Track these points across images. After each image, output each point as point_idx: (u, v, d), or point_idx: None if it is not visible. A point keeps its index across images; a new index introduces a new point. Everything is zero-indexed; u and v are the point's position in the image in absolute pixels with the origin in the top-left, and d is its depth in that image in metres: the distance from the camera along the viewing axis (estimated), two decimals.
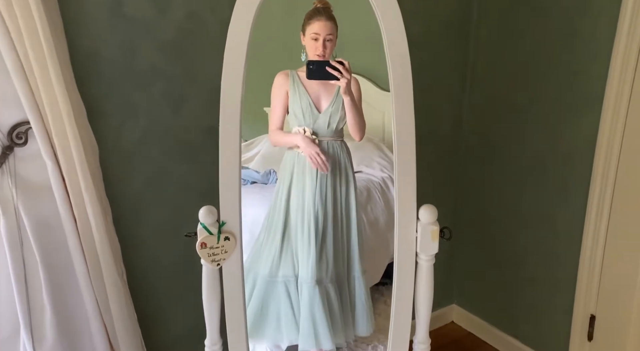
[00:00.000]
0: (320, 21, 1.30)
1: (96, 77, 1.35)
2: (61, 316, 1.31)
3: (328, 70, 1.26)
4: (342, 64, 1.26)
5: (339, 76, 1.26)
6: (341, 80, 1.27)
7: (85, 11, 1.29)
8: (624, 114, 1.61)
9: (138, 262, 1.53)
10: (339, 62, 1.26)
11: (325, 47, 1.30)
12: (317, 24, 1.30)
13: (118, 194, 1.44)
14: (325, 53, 1.31)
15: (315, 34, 1.30)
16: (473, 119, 2.14)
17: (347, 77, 1.27)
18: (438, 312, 2.38)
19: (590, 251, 1.77)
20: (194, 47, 1.47)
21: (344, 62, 1.26)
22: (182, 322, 1.66)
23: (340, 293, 1.49)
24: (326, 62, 1.26)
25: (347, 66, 1.26)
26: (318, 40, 1.30)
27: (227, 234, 1.23)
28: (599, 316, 1.81)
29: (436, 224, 1.28)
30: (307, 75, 1.27)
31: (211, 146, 1.54)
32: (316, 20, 1.31)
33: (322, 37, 1.30)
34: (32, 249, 1.24)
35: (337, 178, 1.41)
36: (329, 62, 1.26)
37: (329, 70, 1.26)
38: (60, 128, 1.20)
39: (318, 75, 1.28)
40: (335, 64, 1.25)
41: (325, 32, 1.30)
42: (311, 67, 1.27)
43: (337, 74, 1.26)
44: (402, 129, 1.25)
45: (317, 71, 1.27)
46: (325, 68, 1.26)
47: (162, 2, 1.39)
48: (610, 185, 1.68)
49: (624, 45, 1.56)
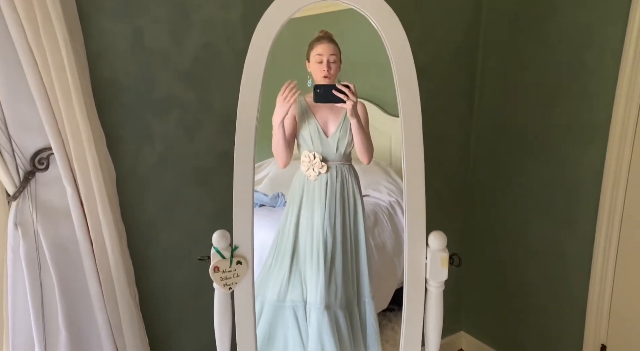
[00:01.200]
0: (323, 43, 1.36)
1: (116, 105, 1.40)
2: (75, 337, 1.32)
3: (334, 93, 1.30)
4: (347, 87, 1.30)
5: (345, 98, 1.30)
6: (347, 102, 1.31)
7: (107, 44, 1.35)
8: (630, 144, 1.64)
9: (150, 285, 1.55)
10: (345, 85, 1.30)
11: (329, 68, 1.35)
12: (320, 46, 1.36)
13: (133, 217, 1.48)
14: (330, 73, 1.35)
15: (319, 55, 1.35)
16: (480, 147, 2.17)
17: (353, 100, 1.31)
18: (446, 339, 2.36)
19: (600, 280, 1.77)
20: (209, 76, 1.52)
21: (350, 85, 1.30)
22: (193, 345, 1.67)
23: (351, 318, 1.49)
24: (332, 85, 1.31)
25: (352, 89, 1.31)
26: (322, 62, 1.35)
27: (240, 259, 1.25)
28: (609, 347, 1.79)
29: (446, 251, 1.29)
30: (315, 98, 1.32)
31: (224, 171, 1.58)
32: (319, 43, 1.36)
33: (325, 58, 1.35)
34: (50, 272, 1.27)
35: (345, 202, 1.44)
36: (335, 86, 1.30)
37: (335, 93, 1.30)
38: (81, 154, 1.24)
39: (325, 98, 1.32)
40: (342, 87, 1.30)
41: (329, 53, 1.35)
42: (318, 90, 1.31)
43: (343, 96, 1.30)
44: (411, 156, 1.28)
45: (323, 94, 1.31)
46: (332, 91, 1.30)
47: (179, 34, 1.45)
48: (618, 214, 1.69)
49: (629, 77, 1.59)
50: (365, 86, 1.40)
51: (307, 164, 1.40)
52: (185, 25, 1.45)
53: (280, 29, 1.19)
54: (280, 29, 1.19)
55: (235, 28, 1.52)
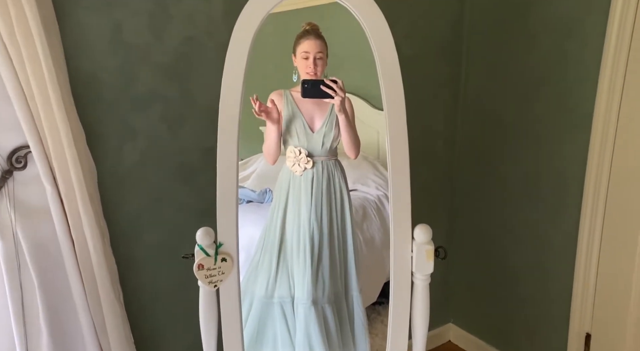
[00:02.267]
0: (310, 40, 1.35)
1: (95, 101, 1.37)
2: (58, 339, 1.30)
3: (322, 89, 1.29)
4: (335, 83, 1.29)
5: (333, 94, 1.29)
6: (335, 98, 1.30)
7: (85, 38, 1.32)
8: (612, 133, 1.65)
9: (135, 284, 1.53)
10: (333, 80, 1.29)
11: (316, 65, 1.34)
12: (306, 42, 1.35)
13: (116, 216, 1.45)
14: (317, 71, 1.34)
15: (306, 52, 1.34)
16: (466, 139, 2.18)
17: (341, 95, 1.30)
18: (435, 331, 2.37)
19: (584, 269, 1.79)
20: (191, 70, 1.50)
21: (338, 80, 1.29)
22: (179, 343, 1.65)
23: (339, 312, 1.49)
24: (320, 81, 1.30)
25: (340, 85, 1.30)
26: (308, 59, 1.34)
27: (225, 256, 1.24)
28: (594, 335, 1.81)
29: (431, 243, 1.29)
30: (302, 94, 1.31)
31: (208, 167, 1.56)
32: (306, 39, 1.35)
33: (312, 55, 1.34)
34: (30, 272, 1.24)
35: (332, 196, 1.43)
36: (323, 81, 1.29)
37: (323, 89, 1.29)
38: (60, 152, 1.21)
39: (313, 93, 1.31)
40: (330, 83, 1.29)
41: (315, 50, 1.34)
42: (306, 86, 1.30)
43: (331, 92, 1.29)
44: (395, 149, 1.27)
45: (311, 89, 1.30)
46: (320, 87, 1.29)
47: (159, 27, 1.42)
48: (602, 203, 1.71)
49: (611, 66, 1.60)
50: (351, 80, 1.39)
51: (292, 159, 1.40)
52: (165, 18, 1.42)
53: (260, 23, 1.18)
54: (260, 23, 1.17)
55: (217, 22, 1.50)
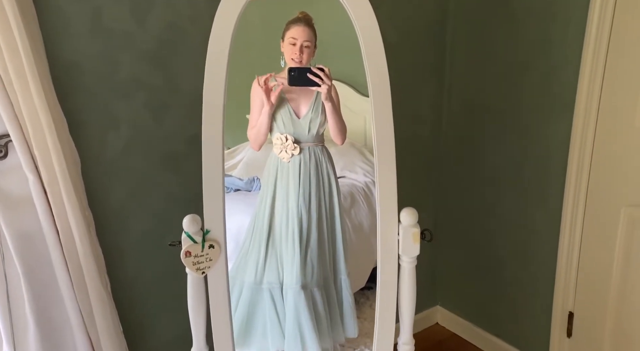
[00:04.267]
0: (300, 27, 1.34)
1: (77, 89, 1.35)
2: (45, 329, 1.30)
3: (309, 76, 1.28)
4: (322, 71, 1.28)
5: (319, 82, 1.29)
6: (322, 86, 1.29)
7: (64, 24, 1.29)
8: (594, 117, 1.67)
9: (123, 273, 1.53)
10: (320, 68, 1.28)
11: (302, 53, 1.33)
12: (295, 29, 1.34)
13: (101, 205, 1.44)
14: (302, 58, 1.33)
15: (293, 38, 1.33)
16: (452, 124, 2.19)
17: (328, 84, 1.30)
18: (423, 314, 2.41)
19: (567, 251, 1.83)
20: (175, 57, 1.48)
21: (325, 68, 1.29)
22: (168, 331, 1.66)
23: (328, 297, 1.50)
24: (307, 68, 1.29)
25: (327, 73, 1.29)
26: (295, 45, 1.33)
27: (212, 242, 1.24)
28: (577, 313, 1.86)
29: (417, 226, 1.30)
30: (289, 81, 1.30)
31: (195, 155, 1.54)
32: (295, 25, 1.34)
33: (299, 42, 1.33)
34: (14, 263, 1.23)
35: (320, 182, 1.44)
36: (310, 69, 1.28)
37: (310, 77, 1.28)
38: (41, 140, 1.20)
39: (299, 81, 1.30)
40: (316, 71, 1.28)
41: (303, 38, 1.33)
42: (292, 73, 1.29)
43: (318, 80, 1.29)
44: (381, 134, 1.28)
45: (298, 77, 1.29)
46: (307, 75, 1.28)
47: (141, 13, 1.40)
48: (584, 186, 1.74)
49: (592, 50, 1.62)
50: (338, 67, 1.39)
51: (279, 146, 1.39)
52: (146, 3, 1.40)
53: (242, 9, 1.16)
54: (242, 8, 1.16)
55: (199, 7, 1.48)
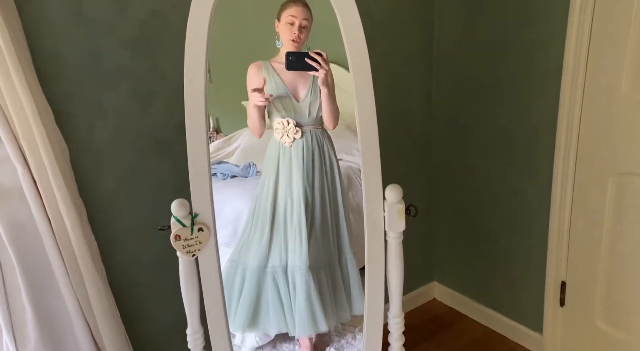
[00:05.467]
0: (298, 6, 1.34)
1: (61, 79, 1.35)
2: (43, 316, 1.33)
3: (307, 61, 1.28)
4: (320, 55, 1.28)
5: (317, 66, 1.29)
6: (320, 71, 1.30)
7: (44, 14, 1.29)
8: (581, 88, 1.67)
9: (118, 260, 1.55)
10: (318, 53, 1.28)
11: (300, 32, 1.33)
12: (294, 8, 1.34)
13: (92, 193, 1.46)
14: (300, 38, 1.33)
15: (292, 16, 1.33)
16: (441, 99, 2.19)
17: (326, 68, 1.30)
18: (420, 290, 2.44)
19: (558, 221, 1.84)
20: (158, 44, 1.48)
21: (322, 53, 1.29)
22: (165, 315, 1.69)
23: (333, 276, 1.52)
24: (305, 53, 1.29)
25: (325, 57, 1.29)
26: (294, 24, 1.33)
27: (201, 226, 1.26)
28: (569, 283, 1.89)
29: (402, 202, 1.32)
30: (287, 66, 1.30)
31: (183, 142, 1.55)
32: (293, 4, 1.34)
33: (298, 21, 1.33)
34: (8, 252, 1.25)
35: (323, 164, 1.44)
36: (308, 54, 1.29)
37: (308, 61, 1.28)
38: (27, 131, 1.21)
39: (297, 66, 1.30)
40: (314, 55, 1.28)
41: (302, 17, 1.33)
42: (290, 58, 1.29)
43: (316, 65, 1.29)
44: (363, 112, 1.28)
45: (296, 62, 1.30)
46: (305, 59, 1.29)
47: (122, 1, 1.40)
48: (573, 156, 1.75)
49: (577, 20, 1.62)
50: (333, 49, 1.38)
51: (281, 131, 1.39)
52: None
53: None
54: None
55: None
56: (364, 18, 1.25)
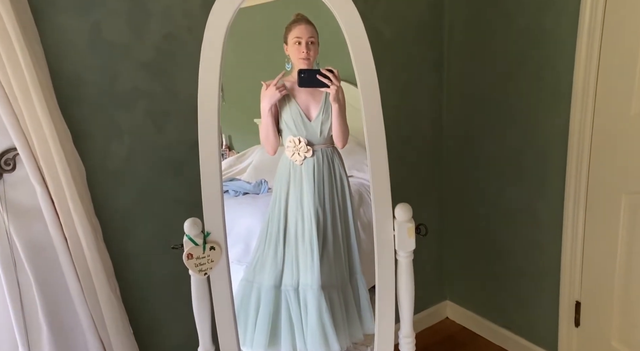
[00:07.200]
0: (301, 25, 1.37)
1: (79, 101, 1.39)
2: (58, 334, 1.34)
3: (319, 78, 1.31)
4: (332, 72, 1.31)
5: (329, 83, 1.31)
6: (331, 87, 1.32)
7: (65, 39, 1.34)
8: (591, 106, 1.67)
9: (131, 277, 1.57)
10: (329, 70, 1.31)
11: (308, 49, 1.36)
12: (297, 28, 1.37)
13: (107, 212, 1.49)
14: (310, 55, 1.36)
15: (298, 37, 1.36)
16: (452, 118, 2.20)
17: (337, 85, 1.32)
18: (432, 309, 2.42)
19: (571, 240, 1.82)
20: (173, 66, 1.52)
21: (334, 70, 1.31)
22: (177, 333, 1.70)
23: (345, 296, 1.52)
24: (317, 70, 1.32)
25: (336, 74, 1.32)
26: (301, 44, 1.35)
27: (213, 244, 1.28)
28: (583, 303, 1.86)
29: (412, 221, 1.32)
30: (299, 83, 1.33)
31: (196, 161, 1.58)
32: (297, 25, 1.37)
33: (304, 39, 1.35)
34: (26, 270, 1.28)
35: (333, 183, 1.45)
36: (319, 71, 1.31)
37: (319, 78, 1.31)
38: (46, 152, 1.24)
39: (309, 83, 1.33)
40: (326, 72, 1.31)
41: (307, 35, 1.36)
42: (302, 75, 1.32)
43: (327, 81, 1.31)
44: (372, 131, 1.30)
45: (308, 79, 1.32)
46: (316, 76, 1.31)
47: (138, 25, 1.44)
48: (584, 174, 1.74)
49: (586, 40, 1.62)
50: (344, 68, 1.41)
51: (292, 149, 1.41)
52: (143, 16, 1.44)
53: (233, 15, 1.20)
54: (233, 15, 1.19)
55: (195, 16, 1.52)
56: (374, 37, 1.27)
